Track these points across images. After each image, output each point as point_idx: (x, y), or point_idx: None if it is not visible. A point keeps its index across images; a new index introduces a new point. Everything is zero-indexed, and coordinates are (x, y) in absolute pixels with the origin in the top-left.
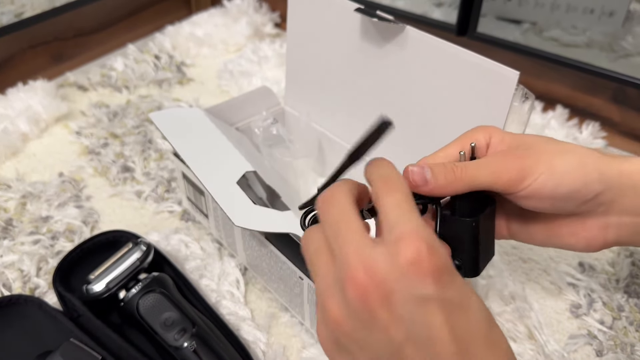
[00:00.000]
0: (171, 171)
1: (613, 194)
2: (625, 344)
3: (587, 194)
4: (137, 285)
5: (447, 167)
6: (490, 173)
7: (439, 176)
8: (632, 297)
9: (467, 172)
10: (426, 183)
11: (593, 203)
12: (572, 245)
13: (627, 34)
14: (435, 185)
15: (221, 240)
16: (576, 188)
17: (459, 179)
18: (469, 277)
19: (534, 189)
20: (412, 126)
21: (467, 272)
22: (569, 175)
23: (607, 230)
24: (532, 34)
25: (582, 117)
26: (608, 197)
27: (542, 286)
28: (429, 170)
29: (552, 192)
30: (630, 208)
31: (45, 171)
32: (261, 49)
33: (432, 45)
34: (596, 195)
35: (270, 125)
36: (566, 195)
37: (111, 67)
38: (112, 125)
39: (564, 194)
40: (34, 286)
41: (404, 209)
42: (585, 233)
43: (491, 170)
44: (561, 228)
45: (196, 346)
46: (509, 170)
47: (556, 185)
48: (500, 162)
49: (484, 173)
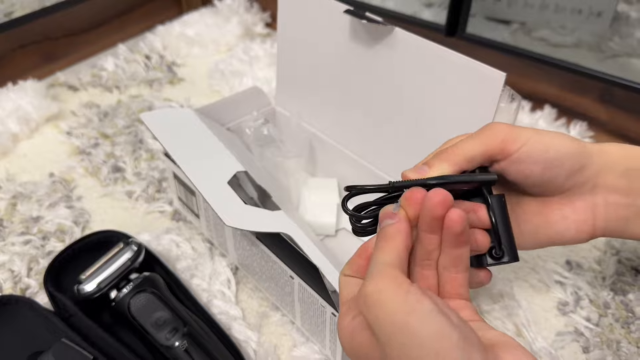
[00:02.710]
0: (162, 171)
1: (597, 169)
2: (611, 340)
3: (574, 163)
4: (129, 285)
5: (438, 152)
6: (481, 142)
7: (433, 161)
8: (618, 294)
9: (459, 147)
10: (424, 172)
11: (580, 177)
12: (562, 233)
13: (615, 34)
14: (432, 167)
15: (212, 240)
16: (563, 154)
17: (453, 153)
18: (511, 261)
19: (524, 151)
20: (402, 126)
21: (509, 256)
22: (555, 142)
23: (595, 212)
24: (521, 34)
25: (569, 116)
26: (592, 172)
27: (530, 284)
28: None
29: (542, 155)
30: (613, 186)
31: (36, 171)
32: (252, 48)
33: (421, 46)
34: (582, 167)
35: (261, 125)
36: (555, 160)
37: (102, 67)
38: (102, 125)
39: (552, 158)
40: (24, 286)
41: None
42: (575, 216)
43: (481, 140)
44: (552, 212)
45: (188, 345)
46: (499, 133)
47: (545, 149)
48: (488, 130)
49: (476, 142)
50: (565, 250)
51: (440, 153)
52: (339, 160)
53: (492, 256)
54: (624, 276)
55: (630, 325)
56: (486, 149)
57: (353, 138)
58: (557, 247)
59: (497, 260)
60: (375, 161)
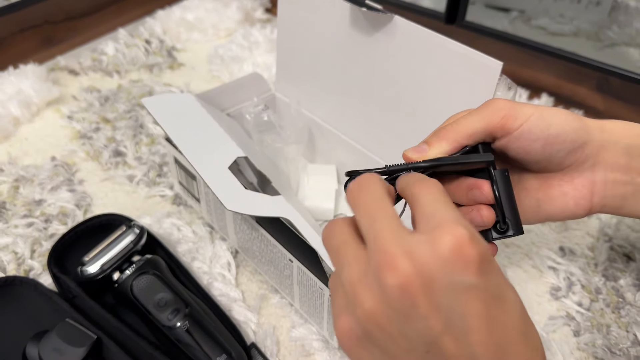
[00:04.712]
0: (162, 156)
1: (597, 146)
2: (601, 324)
3: (575, 140)
4: (131, 267)
5: (438, 129)
6: (482, 118)
7: (431, 140)
8: (609, 280)
9: (459, 124)
10: (423, 151)
11: (581, 154)
12: (561, 208)
13: (613, 23)
14: (433, 149)
15: (212, 224)
16: (565, 130)
17: (453, 131)
18: (516, 234)
19: (526, 128)
20: (400, 113)
21: (514, 229)
22: (557, 118)
23: (593, 189)
24: (520, 22)
25: (566, 105)
26: (593, 149)
27: (523, 270)
28: (423, 143)
29: (543, 132)
30: (614, 163)
31: (38, 155)
32: (252, 34)
33: (419, 35)
34: (583, 144)
35: (261, 111)
36: (556, 137)
37: (102, 52)
38: (103, 110)
39: (554, 135)
40: (28, 268)
41: (441, 202)
42: (574, 193)
43: (482, 116)
44: (552, 189)
45: (189, 326)
46: (501, 110)
47: (547, 126)
48: (490, 106)
49: (477, 118)
50: (559, 237)
51: (440, 130)
52: (337, 147)
53: (497, 230)
54: (616, 262)
55: (620, 310)
56: (487, 125)
57: (352, 125)
58: (551, 234)
59: (502, 234)
60: (373, 148)
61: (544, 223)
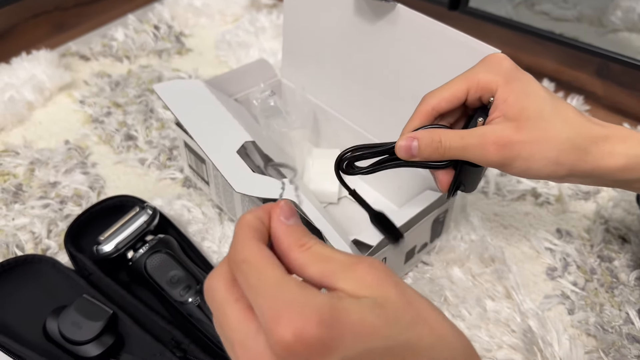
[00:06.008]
0: (172, 140)
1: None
2: (595, 303)
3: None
4: (145, 246)
5: (433, 143)
6: (474, 156)
7: (424, 151)
8: (604, 261)
9: (450, 152)
10: (413, 157)
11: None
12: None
13: (617, 8)
14: (421, 158)
15: (221, 206)
16: (549, 175)
17: (443, 155)
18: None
19: (512, 174)
20: (402, 99)
21: (470, 190)
22: (543, 169)
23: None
24: (523, 8)
25: (567, 90)
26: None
27: (521, 250)
28: (416, 144)
29: (527, 175)
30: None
31: (52, 139)
32: (258, 19)
33: (421, 23)
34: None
35: (267, 97)
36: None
37: (112, 37)
38: (114, 95)
39: (540, 177)
40: (45, 247)
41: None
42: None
43: (476, 154)
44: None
45: (200, 301)
46: (492, 157)
47: (533, 174)
48: (484, 148)
49: (466, 156)
50: (556, 219)
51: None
52: (342, 131)
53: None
54: (611, 244)
55: (614, 290)
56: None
57: (355, 110)
58: (548, 216)
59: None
60: (376, 132)
61: (542, 206)
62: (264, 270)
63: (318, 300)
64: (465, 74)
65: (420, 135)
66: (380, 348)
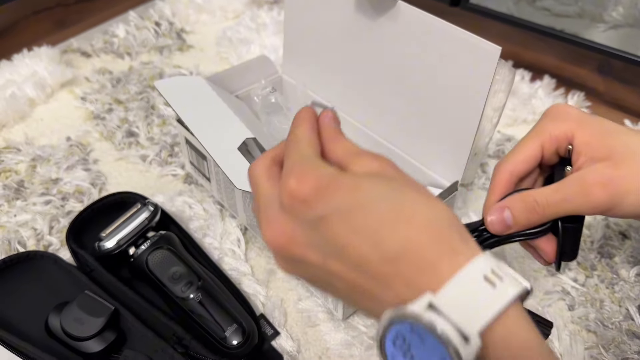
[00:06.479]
0: (174, 136)
1: None
2: (595, 299)
3: None
4: (146, 243)
5: (528, 205)
6: (578, 205)
7: (520, 218)
8: (604, 257)
9: (549, 209)
10: (509, 228)
11: None
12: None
13: (618, 4)
14: (519, 227)
15: (222, 202)
16: None
17: (542, 215)
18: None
19: (622, 214)
20: (403, 96)
21: (573, 257)
22: None
23: None
24: (525, 4)
25: (568, 87)
26: None
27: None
28: (509, 214)
29: (634, 215)
30: None
31: (53, 135)
32: (259, 16)
33: (423, 20)
34: None
35: (268, 93)
36: None
37: (113, 34)
38: (115, 91)
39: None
40: (47, 243)
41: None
42: None
43: (580, 202)
44: None
45: (201, 297)
46: (598, 199)
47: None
48: (588, 192)
49: (569, 208)
50: None
51: (530, 214)
52: (342, 128)
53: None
54: (611, 240)
55: (614, 286)
56: (581, 212)
57: (356, 107)
58: None
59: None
60: (376, 129)
61: None
62: (301, 144)
63: (323, 170)
64: (533, 131)
65: (510, 202)
66: (372, 201)
